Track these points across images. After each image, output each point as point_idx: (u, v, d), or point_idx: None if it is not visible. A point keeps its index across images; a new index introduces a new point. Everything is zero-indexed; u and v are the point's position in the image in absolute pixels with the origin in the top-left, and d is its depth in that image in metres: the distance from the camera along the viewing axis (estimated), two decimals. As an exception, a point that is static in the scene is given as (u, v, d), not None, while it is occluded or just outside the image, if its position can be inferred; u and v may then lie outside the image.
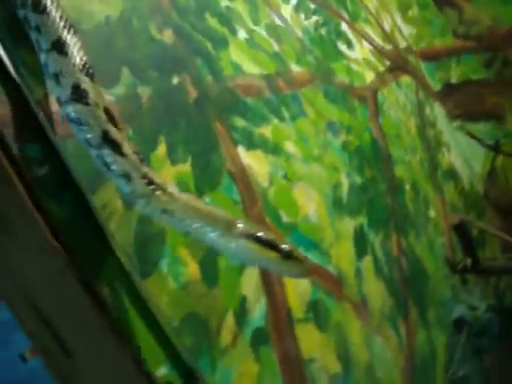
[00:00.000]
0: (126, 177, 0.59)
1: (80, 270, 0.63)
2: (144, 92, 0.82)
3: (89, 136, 0.58)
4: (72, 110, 0.59)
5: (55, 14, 0.61)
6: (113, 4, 0.86)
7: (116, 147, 0.59)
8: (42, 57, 0.61)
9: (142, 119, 0.79)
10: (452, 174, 1.90)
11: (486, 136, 2.15)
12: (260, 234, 0.61)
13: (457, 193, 1.88)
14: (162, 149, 0.80)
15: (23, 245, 0.64)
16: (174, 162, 0.81)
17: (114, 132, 0.59)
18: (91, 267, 0.65)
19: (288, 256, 0.61)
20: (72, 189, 0.66)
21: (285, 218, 0.97)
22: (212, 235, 0.61)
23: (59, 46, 0.60)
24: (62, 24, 0.61)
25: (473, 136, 2.11)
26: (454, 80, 2.16)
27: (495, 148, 2.14)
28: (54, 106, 0.64)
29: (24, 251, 0.65)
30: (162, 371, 0.68)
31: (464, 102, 2.16)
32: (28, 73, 0.65)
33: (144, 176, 0.60)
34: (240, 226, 0.61)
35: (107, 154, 0.59)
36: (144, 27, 0.88)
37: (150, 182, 0.60)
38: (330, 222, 1.09)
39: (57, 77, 0.59)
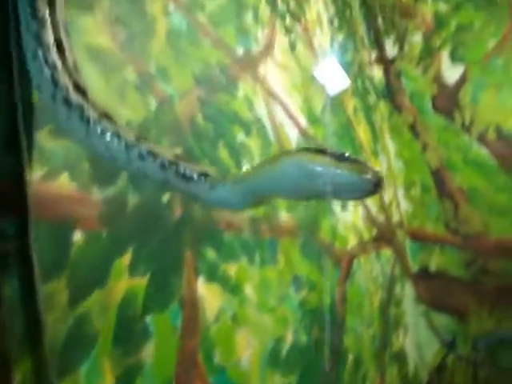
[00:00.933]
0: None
1: (4, 346, 0.65)
2: (132, 199, 0.87)
3: None
4: None
5: None
6: (137, 111, 0.93)
7: None
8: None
9: (119, 225, 0.83)
10: (400, 357, 1.91)
11: (445, 330, 2.19)
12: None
13: (399, 377, 1.88)
14: (126, 259, 0.83)
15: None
16: (132, 275, 0.84)
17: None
18: (15, 347, 0.66)
19: (344, 158, 0.59)
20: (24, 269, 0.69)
21: (217, 358, 0.98)
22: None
23: None
24: None
25: (433, 327, 2.15)
26: (432, 267, 2.23)
27: (450, 346, 2.16)
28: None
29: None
30: None
31: (434, 291, 2.21)
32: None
33: None
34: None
35: None
36: (157, 140, 0.95)
37: None
38: (259, 374, 1.09)
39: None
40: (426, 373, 2.16)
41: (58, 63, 0.66)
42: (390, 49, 2.33)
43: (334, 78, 1.86)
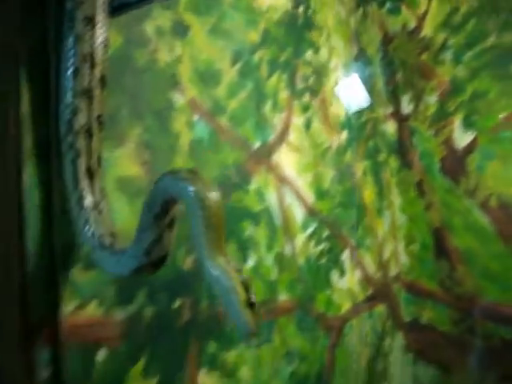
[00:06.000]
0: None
1: None
2: (148, 312, 1.01)
3: None
4: None
5: None
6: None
7: None
8: None
9: (136, 338, 0.98)
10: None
11: (429, 380, 2.33)
12: (244, 276, 0.71)
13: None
14: (140, 365, 0.98)
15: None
16: (144, 378, 0.99)
17: None
18: None
19: (251, 305, 0.69)
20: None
21: None
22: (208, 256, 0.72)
23: None
24: None
25: (416, 380, 2.29)
26: (423, 319, 2.37)
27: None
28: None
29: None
30: None
31: (422, 343, 2.35)
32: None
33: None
34: (233, 263, 0.72)
35: None
36: (176, 248, 1.08)
37: None
38: None
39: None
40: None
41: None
42: (406, 106, 2.43)
43: (355, 95, 2.00)
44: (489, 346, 2.24)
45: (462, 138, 2.32)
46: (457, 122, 2.33)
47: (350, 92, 2.04)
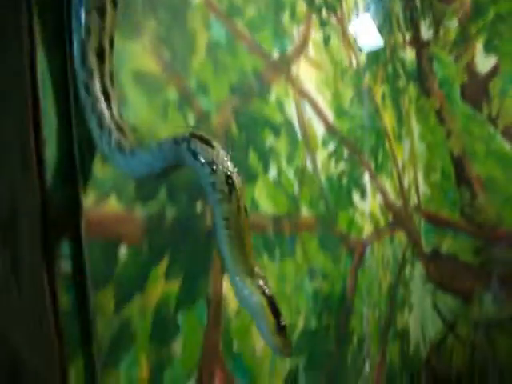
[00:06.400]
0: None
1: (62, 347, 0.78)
2: (170, 212, 0.97)
3: None
4: None
5: None
6: (177, 128, 1.01)
7: None
8: None
9: (158, 237, 0.94)
10: (403, 334, 2.05)
11: (448, 310, 2.32)
12: (272, 296, 0.67)
13: (400, 354, 2.02)
14: (162, 266, 0.95)
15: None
16: (167, 280, 0.96)
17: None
18: (71, 348, 0.80)
19: (281, 330, 0.66)
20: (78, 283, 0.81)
21: (235, 347, 1.12)
22: (235, 277, 0.68)
23: None
24: None
25: (436, 308, 2.28)
26: (443, 249, 2.33)
27: (451, 326, 2.30)
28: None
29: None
30: None
31: (442, 273, 2.33)
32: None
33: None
34: (260, 280, 0.67)
35: None
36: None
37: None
38: (271, 358, 1.23)
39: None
40: (426, 351, 2.30)
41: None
42: (425, 32, 2.34)
43: (367, 34, 1.92)
44: (509, 275, 2.21)
45: (484, 63, 2.24)
46: (478, 46, 2.25)
47: (367, 17, 1.96)
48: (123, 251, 0.87)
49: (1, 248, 0.84)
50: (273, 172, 1.28)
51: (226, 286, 1.10)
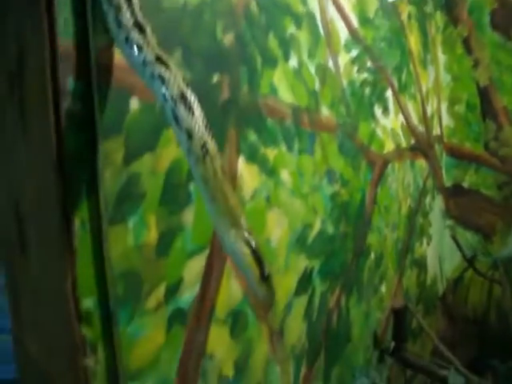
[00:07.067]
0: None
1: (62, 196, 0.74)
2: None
3: None
4: None
5: None
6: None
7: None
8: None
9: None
10: (420, 264, 2.00)
11: (468, 246, 2.26)
12: (256, 247, 0.71)
13: (416, 283, 1.98)
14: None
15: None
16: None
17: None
18: (74, 194, 0.76)
19: (265, 279, 0.71)
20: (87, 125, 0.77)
21: (249, 232, 1.07)
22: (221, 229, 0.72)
23: None
24: None
25: (456, 242, 2.22)
26: (465, 184, 2.27)
27: (470, 261, 2.24)
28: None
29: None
30: (87, 302, 0.77)
31: (463, 208, 2.26)
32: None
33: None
34: (245, 232, 0.71)
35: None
36: (211, 23, 0.98)
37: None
38: (286, 253, 1.19)
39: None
40: (442, 287, 2.25)
41: None
42: (455, -44, 2.23)
43: None
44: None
45: (517, -12, 2.12)
46: (511, -30, 2.13)
47: None
48: (134, 105, 0.83)
49: (8, 95, 0.80)
50: (293, 62, 1.22)
51: (242, 166, 1.05)
